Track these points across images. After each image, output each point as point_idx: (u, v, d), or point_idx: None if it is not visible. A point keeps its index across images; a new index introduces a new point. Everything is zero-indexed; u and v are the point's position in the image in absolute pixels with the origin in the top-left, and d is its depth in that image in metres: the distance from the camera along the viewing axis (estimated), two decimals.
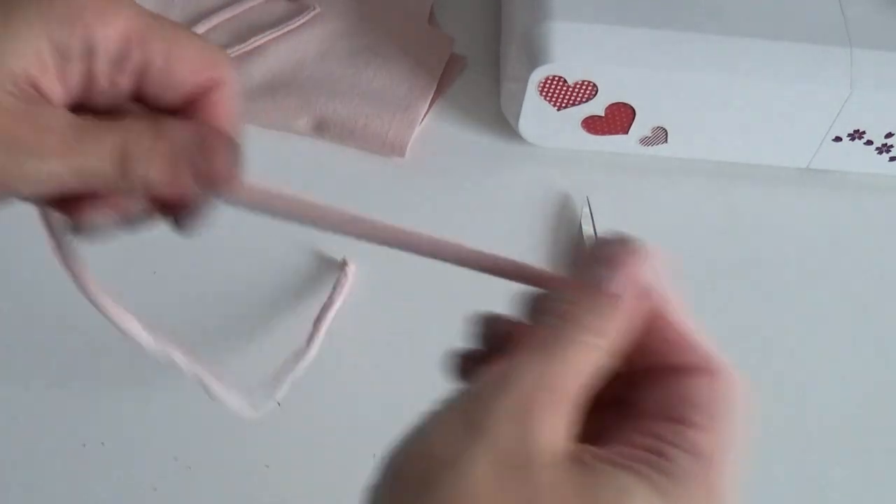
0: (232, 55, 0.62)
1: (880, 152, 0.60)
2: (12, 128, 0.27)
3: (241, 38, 0.62)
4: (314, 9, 0.64)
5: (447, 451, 0.25)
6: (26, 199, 0.30)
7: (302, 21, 0.63)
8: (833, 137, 0.59)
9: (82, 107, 0.30)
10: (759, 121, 0.58)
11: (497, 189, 0.60)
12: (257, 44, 0.62)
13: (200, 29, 0.62)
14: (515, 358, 0.27)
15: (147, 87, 0.30)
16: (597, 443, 0.27)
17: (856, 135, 0.59)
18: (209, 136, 0.30)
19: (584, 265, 0.29)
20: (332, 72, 0.62)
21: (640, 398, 0.29)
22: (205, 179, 0.30)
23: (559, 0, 0.56)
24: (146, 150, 0.29)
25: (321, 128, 0.60)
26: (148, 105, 0.31)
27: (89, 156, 0.28)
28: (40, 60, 0.28)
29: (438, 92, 0.63)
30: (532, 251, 0.58)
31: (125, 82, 0.30)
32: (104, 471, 0.49)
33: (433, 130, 0.62)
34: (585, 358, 0.27)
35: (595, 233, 0.58)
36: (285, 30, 0.63)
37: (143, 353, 0.52)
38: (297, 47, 0.63)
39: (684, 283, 0.62)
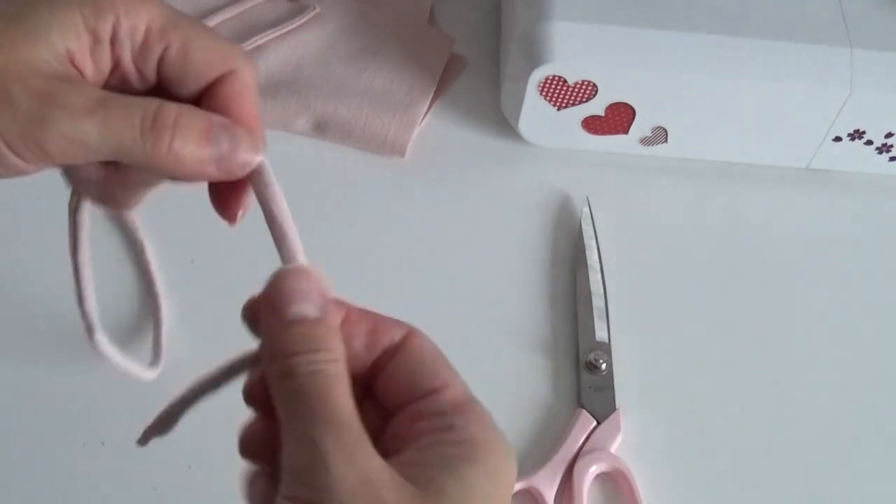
0: None
1: (880, 152, 0.60)
2: (47, 86, 0.29)
3: (241, 38, 0.62)
4: (314, 9, 0.64)
5: None
6: (59, 165, 0.31)
7: (302, 21, 0.63)
8: (833, 137, 0.59)
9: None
10: (759, 121, 0.58)
11: (497, 189, 0.60)
12: (257, 44, 0.62)
13: None
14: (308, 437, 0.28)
15: (166, 78, 0.32)
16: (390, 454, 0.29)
17: (856, 135, 0.59)
18: (233, 124, 0.32)
19: (279, 305, 0.29)
20: (332, 72, 0.62)
21: (384, 396, 0.31)
22: (225, 165, 0.31)
23: (559, 0, 0.56)
24: (175, 120, 0.30)
25: (321, 128, 0.60)
26: (168, 96, 0.32)
27: (117, 118, 0.30)
28: (77, 38, 0.30)
29: (438, 92, 0.63)
30: (532, 251, 0.58)
31: (149, 71, 0.32)
32: (104, 471, 0.49)
33: (433, 130, 0.62)
34: (342, 387, 0.28)
35: (595, 233, 0.58)
36: (285, 30, 0.63)
37: (145, 352, 0.52)
38: (297, 47, 0.63)
39: (684, 283, 0.62)
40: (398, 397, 0.31)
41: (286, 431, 0.28)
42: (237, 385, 0.52)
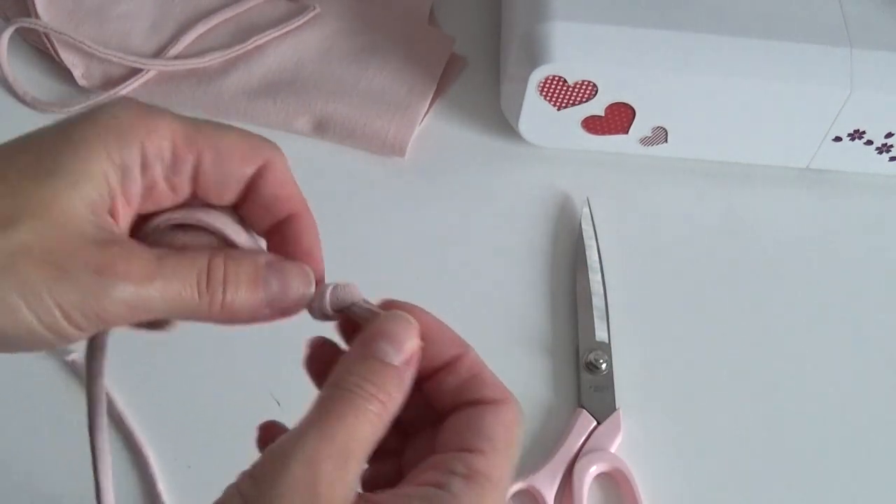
0: (232, 55, 0.62)
1: (880, 152, 0.60)
2: (103, 257, 0.28)
3: (241, 38, 0.62)
4: (314, 9, 0.64)
5: None
6: (115, 326, 0.30)
7: (302, 21, 0.63)
8: (833, 137, 0.59)
9: (143, 217, 0.32)
10: (759, 121, 0.58)
11: (497, 189, 0.60)
12: (257, 44, 0.62)
13: (200, 29, 0.62)
14: (298, 429, 0.28)
15: (202, 188, 0.32)
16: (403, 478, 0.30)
17: (856, 135, 0.59)
18: (280, 262, 0.32)
19: (368, 339, 0.31)
20: (332, 72, 0.62)
21: (441, 433, 0.31)
22: (279, 304, 0.31)
23: (559, 0, 0.56)
24: (225, 273, 0.30)
25: (321, 128, 0.60)
26: (208, 203, 0.32)
27: (175, 280, 0.30)
28: (108, 183, 0.29)
29: (438, 92, 0.63)
30: (532, 251, 0.58)
31: (183, 186, 0.31)
32: None
33: (433, 130, 0.62)
34: (370, 425, 0.29)
35: (595, 233, 0.58)
36: (285, 30, 0.63)
37: (143, 354, 0.52)
38: (297, 47, 0.63)
39: (684, 283, 0.62)
40: (444, 438, 0.31)
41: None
42: (239, 387, 0.52)
